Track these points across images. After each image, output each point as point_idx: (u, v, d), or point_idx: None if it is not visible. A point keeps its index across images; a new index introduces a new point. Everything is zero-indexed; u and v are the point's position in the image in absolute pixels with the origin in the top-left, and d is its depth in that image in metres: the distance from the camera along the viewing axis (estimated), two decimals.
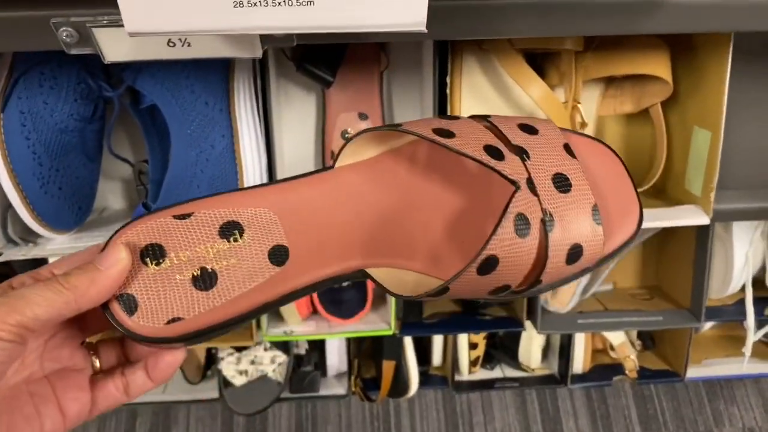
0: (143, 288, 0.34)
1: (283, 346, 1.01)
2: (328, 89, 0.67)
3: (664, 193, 0.70)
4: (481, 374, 1.09)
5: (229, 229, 0.37)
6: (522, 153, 0.37)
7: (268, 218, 0.38)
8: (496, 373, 1.10)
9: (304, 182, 0.40)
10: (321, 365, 1.07)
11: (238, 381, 1.01)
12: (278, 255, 0.37)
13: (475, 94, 0.62)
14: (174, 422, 1.17)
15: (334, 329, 0.88)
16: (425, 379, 1.07)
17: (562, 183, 0.37)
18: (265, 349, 1.01)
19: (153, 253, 0.35)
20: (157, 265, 0.35)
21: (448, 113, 0.60)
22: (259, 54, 0.48)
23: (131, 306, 0.33)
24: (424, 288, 0.39)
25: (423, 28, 0.38)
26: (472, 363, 1.07)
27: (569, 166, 0.38)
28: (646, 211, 0.65)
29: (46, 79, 0.57)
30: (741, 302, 0.91)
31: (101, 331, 0.38)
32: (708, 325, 1.13)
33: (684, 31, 0.49)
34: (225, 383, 1.01)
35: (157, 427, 1.16)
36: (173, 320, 0.34)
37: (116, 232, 0.36)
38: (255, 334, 0.86)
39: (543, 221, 0.36)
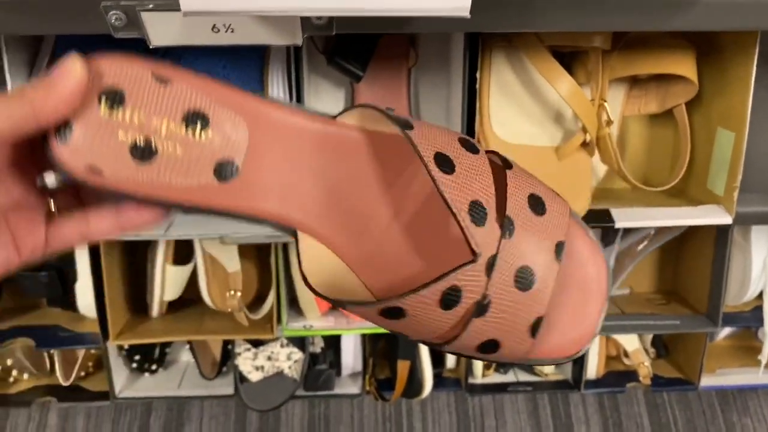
0: (84, 125, 0.32)
1: (299, 343, 1.02)
2: (357, 84, 0.68)
3: (685, 193, 0.71)
4: (495, 378, 1.10)
5: (195, 119, 0.34)
6: (509, 227, 0.33)
7: (238, 130, 0.35)
8: (510, 376, 1.11)
9: (299, 114, 0.36)
10: (336, 364, 1.07)
11: (255, 376, 1.02)
12: (225, 170, 0.34)
13: (504, 90, 0.63)
14: (188, 419, 1.17)
15: (352, 325, 0.89)
16: (438, 381, 1.08)
17: (523, 279, 0.33)
18: (282, 346, 1.02)
19: (112, 98, 0.32)
20: (109, 111, 0.32)
21: (477, 109, 0.61)
22: (299, 41, 0.49)
23: (65, 135, 0.31)
24: (340, 283, 0.37)
25: (467, 13, 0.39)
26: (486, 366, 1.07)
27: (543, 267, 0.33)
28: (666, 209, 0.66)
29: None
30: (758, 309, 0.91)
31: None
32: (722, 335, 1.13)
33: (714, 28, 0.50)
34: (241, 378, 1.02)
35: (171, 423, 1.17)
36: (96, 170, 0.32)
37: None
38: (275, 328, 0.87)
39: (477, 303, 0.32)
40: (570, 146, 0.63)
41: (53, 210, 0.35)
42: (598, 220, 0.63)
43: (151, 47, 0.49)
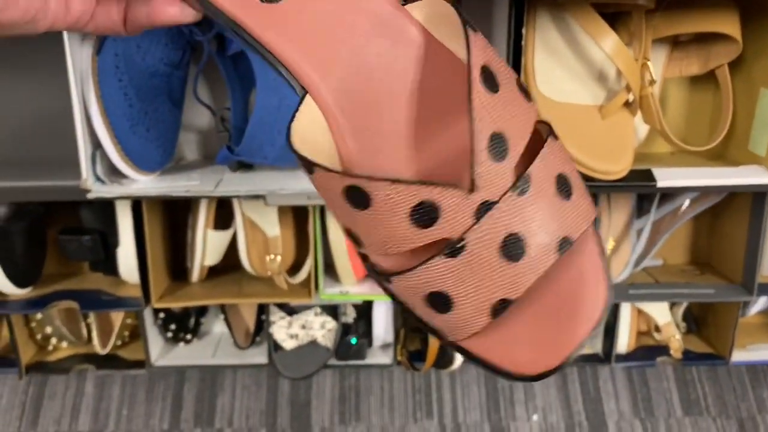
0: None
1: (333, 312, 1.04)
2: None
3: (725, 156, 0.71)
4: None
5: None
6: (523, 185, 0.29)
7: None
8: None
9: None
10: (367, 335, 1.09)
11: (289, 344, 1.04)
12: None
13: (548, 48, 0.64)
14: (220, 388, 1.19)
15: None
16: None
17: (512, 247, 0.28)
18: (316, 314, 1.03)
19: None
20: None
21: (521, 67, 0.62)
22: None
23: None
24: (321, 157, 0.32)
25: None
26: None
27: (539, 248, 0.29)
28: (707, 169, 0.67)
29: None
30: None
31: None
32: (754, 310, 1.13)
33: None
34: (275, 347, 1.04)
35: (204, 392, 1.19)
36: None
37: None
38: (313, 293, 0.89)
39: (450, 242, 0.29)
40: (613, 105, 0.63)
41: None
42: (641, 179, 0.63)
43: None
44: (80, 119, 0.61)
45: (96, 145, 0.63)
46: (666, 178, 0.64)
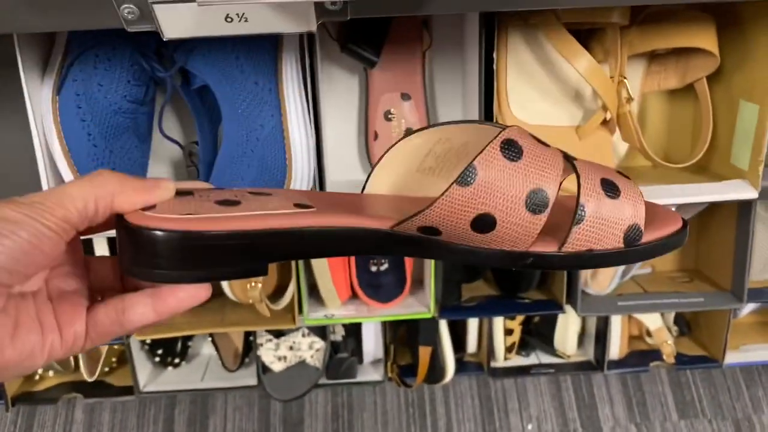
0: (168, 206, 0.34)
1: (321, 332, 1.02)
2: (371, 70, 0.68)
3: (707, 169, 0.70)
4: (517, 361, 1.10)
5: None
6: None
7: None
8: (532, 359, 1.11)
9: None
10: (357, 352, 1.08)
11: (277, 367, 1.02)
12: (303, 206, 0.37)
13: (521, 70, 0.62)
14: (212, 411, 1.18)
15: (373, 313, 0.89)
16: (460, 366, 1.08)
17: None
18: (303, 335, 1.02)
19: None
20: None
21: (495, 90, 0.60)
22: (314, 27, 0.49)
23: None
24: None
25: None
26: (508, 349, 1.07)
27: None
28: (690, 186, 0.65)
29: (100, 61, 0.59)
30: None
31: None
32: (745, 311, 1.12)
33: None
34: (264, 369, 1.02)
35: (196, 415, 1.18)
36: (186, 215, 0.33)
37: None
38: (297, 318, 0.87)
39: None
40: (590, 125, 0.62)
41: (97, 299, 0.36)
42: None
43: (165, 39, 0.49)
44: (43, 161, 0.59)
45: None
46: (648, 197, 0.62)
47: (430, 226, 0.35)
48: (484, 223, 0.34)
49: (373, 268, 0.91)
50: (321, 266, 0.85)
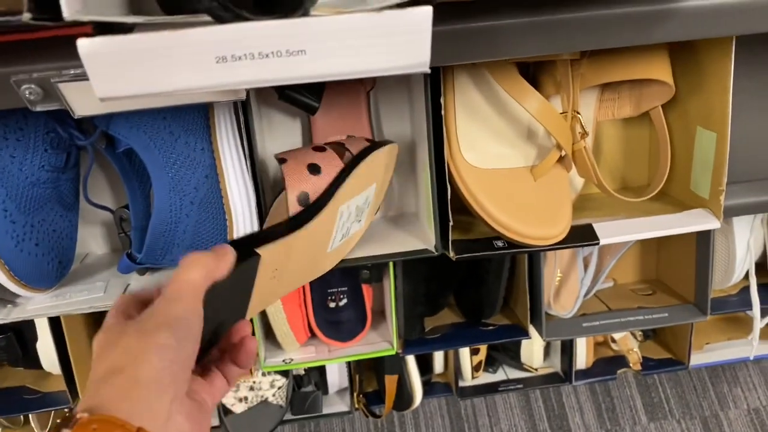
0: None
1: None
2: (313, 116, 0.63)
3: (667, 195, 0.68)
4: (485, 378, 1.07)
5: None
6: None
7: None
8: (500, 375, 1.09)
9: None
10: (322, 384, 1.04)
11: (239, 408, 0.98)
12: None
13: (470, 112, 0.59)
14: None
15: (334, 353, 0.85)
16: (428, 387, 1.05)
17: None
18: (264, 374, 0.98)
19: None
20: None
21: (444, 133, 0.57)
22: (242, 96, 0.45)
23: None
24: None
25: (426, 68, 0.34)
26: (475, 368, 1.05)
27: None
28: (652, 219, 0.63)
29: (11, 131, 0.53)
30: (745, 290, 0.89)
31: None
32: None
33: (692, 38, 0.47)
34: (225, 411, 0.98)
35: None
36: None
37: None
38: (252, 366, 0.83)
39: None
40: (545, 164, 0.59)
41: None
42: (582, 239, 0.59)
43: (76, 117, 0.44)
44: None
45: None
46: (608, 234, 0.60)
47: None
48: None
49: (332, 305, 0.87)
50: (275, 308, 0.81)
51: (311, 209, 0.52)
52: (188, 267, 0.38)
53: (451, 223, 0.57)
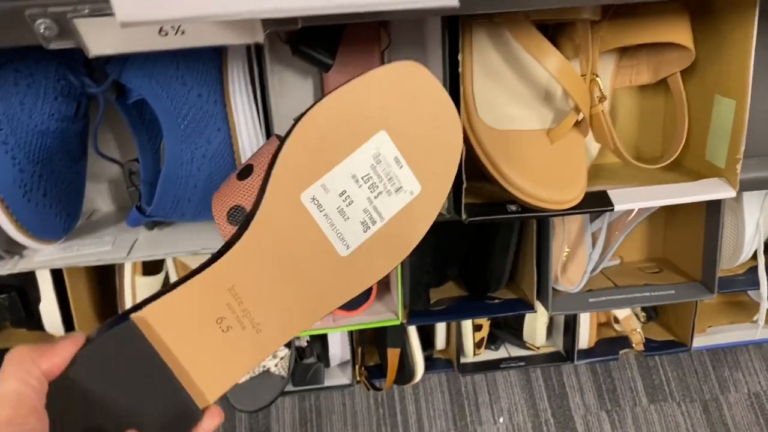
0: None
1: None
2: (326, 73, 0.62)
3: (681, 165, 0.67)
4: (486, 355, 1.07)
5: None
6: None
7: None
8: (501, 353, 1.08)
9: None
10: (324, 356, 1.04)
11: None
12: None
13: (488, 72, 0.58)
14: None
15: (339, 322, 0.85)
16: (430, 363, 1.05)
17: None
18: None
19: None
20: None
21: (461, 92, 0.56)
22: (260, 39, 0.44)
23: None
24: None
25: (456, 3, 0.34)
26: (477, 345, 1.04)
27: None
28: (666, 187, 0.63)
29: (21, 77, 0.52)
30: (752, 270, 0.89)
31: None
32: None
33: None
34: None
35: None
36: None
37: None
38: None
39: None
40: (563, 128, 0.58)
41: None
42: (597, 204, 0.59)
43: (90, 57, 0.43)
44: None
45: None
46: (623, 200, 0.59)
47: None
48: None
49: None
50: None
51: (247, 220, 0.39)
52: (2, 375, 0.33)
53: (464, 185, 0.56)
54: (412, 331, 0.98)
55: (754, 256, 0.88)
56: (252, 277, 0.39)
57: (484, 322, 1.03)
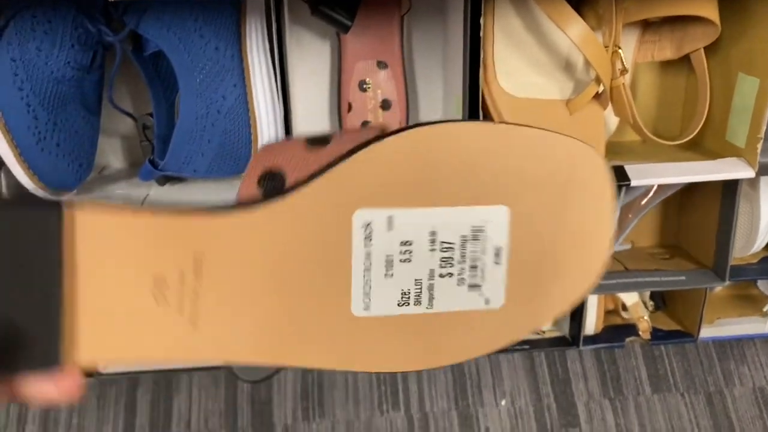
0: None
1: None
2: (344, 35, 0.62)
3: (700, 145, 0.66)
4: None
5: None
6: None
7: None
8: None
9: None
10: None
11: None
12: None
13: (510, 38, 0.57)
14: (176, 391, 1.13)
15: None
16: None
17: None
18: None
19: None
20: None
21: (481, 59, 0.55)
22: None
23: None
24: None
25: None
26: None
27: None
28: (684, 164, 0.62)
29: (39, 23, 0.52)
30: (765, 260, 0.88)
31: None
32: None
33: None
34: None
35: (159, 396, 1.13)
36: None
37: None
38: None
39: None
40: (582, 99, 0.57)
41: None
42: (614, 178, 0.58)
43: (111, 1, 0.42)
44: None
45: None
46: (640, 175, 0.58)
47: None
48: None
49: None
50: None
51: (277, 192, 0.29)
52: None
53: None
54: None
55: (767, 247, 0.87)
56: (233, 260, 0.28)
57: None
